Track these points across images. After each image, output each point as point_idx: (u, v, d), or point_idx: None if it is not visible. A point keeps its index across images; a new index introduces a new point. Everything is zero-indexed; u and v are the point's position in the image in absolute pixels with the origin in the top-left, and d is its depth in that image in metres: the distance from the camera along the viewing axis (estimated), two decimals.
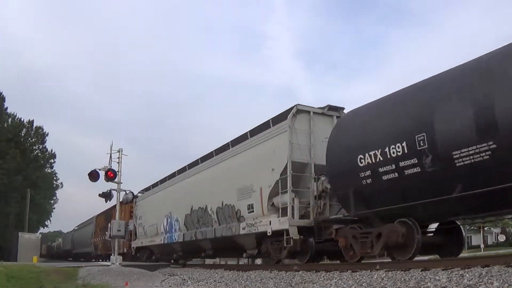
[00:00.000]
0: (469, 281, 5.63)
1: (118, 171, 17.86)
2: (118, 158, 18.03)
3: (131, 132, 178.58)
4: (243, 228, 12.27)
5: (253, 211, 11.91)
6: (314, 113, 11.27)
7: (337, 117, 11.43)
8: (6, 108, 45.30)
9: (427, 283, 6.14)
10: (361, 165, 8.70)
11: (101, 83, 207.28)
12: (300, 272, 9.49)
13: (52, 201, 55.36)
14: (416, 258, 8.61)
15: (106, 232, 20.55)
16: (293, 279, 8.96)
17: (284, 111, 11.32)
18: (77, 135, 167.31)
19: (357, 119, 9.64)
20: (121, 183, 17.99)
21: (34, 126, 47.82)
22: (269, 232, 10.93)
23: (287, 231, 10.43)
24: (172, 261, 19.44)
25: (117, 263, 16.83)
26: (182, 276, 12.91)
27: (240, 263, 19.50)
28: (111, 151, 17.87)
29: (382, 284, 6.81)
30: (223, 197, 13.46)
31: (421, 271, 6.85)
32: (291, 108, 11.07)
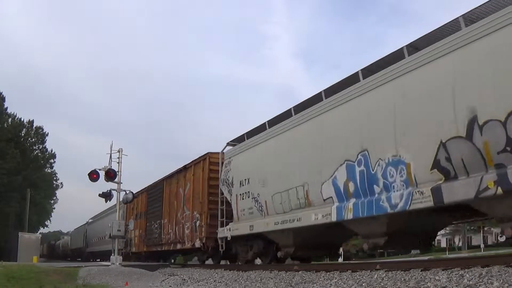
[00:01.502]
0: (469, 281, 5.63)
1: (118, 171, 17.81)
2: (118, 158, 17.98)
3: (131, 132, 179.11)
4: None
5: None
6: None
7: None
8: (6, 108, 45.22)
9: (427, 283, 6.14)
10: None
11: (101, 83, 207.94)
12: (300, 272, 9.50)
13: (52, 201, 55.43)
14: (415, 258, 8.53)
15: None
16: (293, 279, 8.96)
17: None
18: (77, 135, 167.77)
19: None
20: (121, 183, 17.93)
21: (34, 126, 47.88)
22: None
23: None
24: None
25: (117, 263, 16.81)
26: (182, 276, 12.89)
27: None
28: (111, 151, 17.82)
29: (382, 284, 6.81)
30: None
31: (421, 271, 6.86)
32: None
